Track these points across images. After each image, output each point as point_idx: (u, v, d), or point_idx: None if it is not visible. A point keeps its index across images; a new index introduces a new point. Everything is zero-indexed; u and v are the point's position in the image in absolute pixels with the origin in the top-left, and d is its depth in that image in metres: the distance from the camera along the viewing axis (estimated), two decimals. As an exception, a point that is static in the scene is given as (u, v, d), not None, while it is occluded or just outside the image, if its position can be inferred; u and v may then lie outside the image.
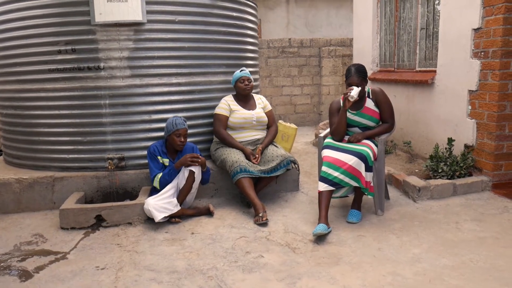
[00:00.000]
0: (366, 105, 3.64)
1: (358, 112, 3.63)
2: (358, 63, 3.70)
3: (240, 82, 4.10)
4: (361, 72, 3.57)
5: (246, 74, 4.12)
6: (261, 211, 3.56)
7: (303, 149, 6.57)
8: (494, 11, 3.94)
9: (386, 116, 3.67)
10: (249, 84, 4.12)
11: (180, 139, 3.65)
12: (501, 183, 4.13)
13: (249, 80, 4.13)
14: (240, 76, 4.10)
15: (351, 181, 3.37)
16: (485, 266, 2.73)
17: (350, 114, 3.65)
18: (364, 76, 3.58)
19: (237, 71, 4.15)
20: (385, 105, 3.65)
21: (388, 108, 3.67)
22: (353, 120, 3.65)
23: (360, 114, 3.63)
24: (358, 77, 3.53)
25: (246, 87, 4.10)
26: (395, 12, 5.91)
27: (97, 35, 3.87)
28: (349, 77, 3.57)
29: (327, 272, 2.72)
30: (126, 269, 2.82)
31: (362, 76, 3.56)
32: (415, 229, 3.35)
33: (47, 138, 4.12)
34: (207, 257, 2.97)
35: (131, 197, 3.97)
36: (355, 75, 3.54)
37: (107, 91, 3.95)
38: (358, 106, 3.64)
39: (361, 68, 3.60)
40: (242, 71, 4.13)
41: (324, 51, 8.98)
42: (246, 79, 4.10)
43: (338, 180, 3.36)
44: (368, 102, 3.65)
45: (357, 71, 3.55)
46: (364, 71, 3.60)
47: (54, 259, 3.00)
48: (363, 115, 3.63)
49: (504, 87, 3.98)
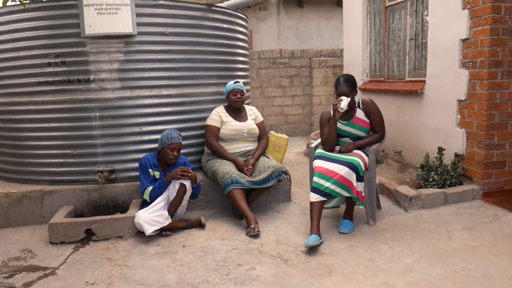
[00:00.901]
0: (357, 115, 3.66)
1: (349, 123, 3.65)
2: (347, 73, 3.73)
3: (232, 94, 4.10)
4: (350, 82, 3.60)
5: (239, 86, 4.10)
6: (253, 223, 3.54)
7: (295, 160, 6.57)
8: (481, 22, 4.00)
9: (376, 126, 3.69)
10: (241, 97, 4.11)
11: (173, 153, 3.63)
12: (492, 191, 4.16)
13: (242, 93, 4.12)
14: (233, 88, 4.09)
15: (343, 191, 3.37)
16: (477, 275, 2.73)
17: (340, 124, 3.66)
18: (353, 85, 3.61)
19: (230, 82, 4.14)
20: (375, 115, 3.67)
21: (378, 118, 3.69)
22: (343, 130, 3.66)
23: (351, 124, 3.64)
24: (347, 86, 3.57)
25: (238, 100, 4.10)
26: (384, 23, 5.97)
27: (87, 48, 3.86)
28: (338, 87, 3.60)
29: (320, 283, 2.70)
30: (116, 284, 2.78)
31: (351, 86, 3.59)
32: (407, 238, 3.35)
33: (36, 151, 4.08)
34: (199, 270, 2.94)
35: (122, 210, 3.93)
36: (344, 85, 3.57)
37: (97, 104, 3.93)
38: (349, 116, 3.66)
39: (350, 78, 3.63)
40: (236, 83, 4.12)
41: (315, 62, 9.04)
42: (239, 92, 4.10)
43: (329, 190, 3.35)
44: (358, 112, 3.67)
45: (346, 81, 3.59)
46: (353, 80, 3.63)
47: (42, 274, 2.95)
48: (353, 125, 3.64)
49: (492, 96, 4.03)
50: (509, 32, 3.97)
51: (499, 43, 3.96)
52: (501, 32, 3.94)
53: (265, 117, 8.97)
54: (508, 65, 4.01)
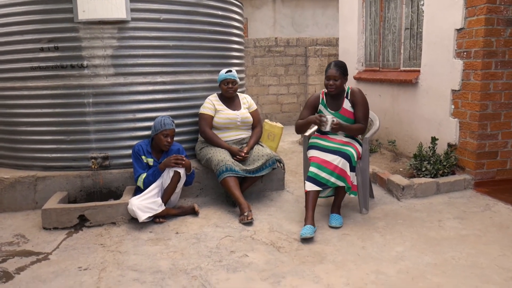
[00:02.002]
0: (344, 106, 3.60)
1: (336, 113, 3.61)
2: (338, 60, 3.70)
3: (224, 84, 4.07)
4: (340, 67, 3.56)
5: (230, 76, 4.05)
6: (247, 210, 3.55)
7: (289, 148, 6.58)
8: (476, 11, 4.00)
9: (359, 116, 3.59)
10: (232, 87, 4.07)
11: (167, 139, 3.63)
12: (483, 181, 4.19)
13: (233, 83, 4.07)
14: (224, 78, 4.05)
15: (338, 181, 3.38)
16: (466, 264, 2.76)
17: (327, 112, 3.64)
18: (342, 70, 3.55)
19: (222, 71, 4.09)
20: (360, 106, 3.58)
21: (363, 109, 3.59)
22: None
23: (338, 114, 3.60)
24: (336, 70, 3.53)
25: (229, 90, 4.07)
26: (380, 12, 5.95)
27: (80, 33, 3.82)
28: (328, 70, 3.57)
29: (311, 270, 2.72)
30: (109, 270, 2.79)
31: (340, 70, 3.54)
32: (398, 227, 3.38)
33: (29, 137, 4.06)
34: (191, 256, 2.96)
35: (115, 197, 3.93)
36: (334, 68, 3.54)
37: (90, 90, 3.91)
38: (336, 105, 3.63)
39: (340, 63, 3.61)
40: (228, 72, 4.07)
41: (310, 51, 9.01)
42: (230, 81, 4.06)
43: (325, 180, 3.37)
44: (346, 103, 3.62)
45: (335, 65, 3.56)
46: (342, 65, 3.58)
47: (35, 259, 2.96)
48: (340, 116, 3.59)
49: (486, 86, 4.04)
50: (503, 22, 3.97)
51: (493, 33, 3.96)
52: (495, 22, 3.95)
53: (260, 105, 8.95)
54: (502, 56, 4.02)
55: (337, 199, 3.59)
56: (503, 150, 4.20)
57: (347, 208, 3.81)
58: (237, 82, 4.12)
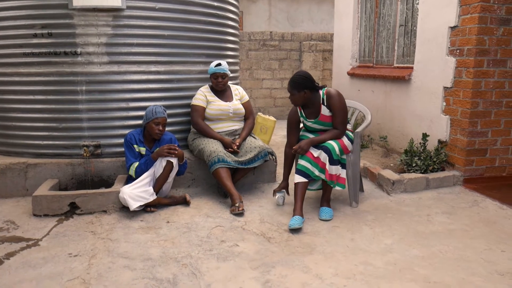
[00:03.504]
0: (322, 113, 3.53)
1: (316, 120, 3.58)
2: (301, 71, 3.58)
3: (213, 77, 4.06)
4: (293, 82, 3.45)
5: (220, 70, 4.02)
6: (238, 201, 3.57)
7: (281, 142, 6.60)
8: (470, 10, 4.03)
9: (336, 122, 3.50)
10: (222, 81, 4.06)
11: (158, 128, 3.62)
12: (472, 178, 4.25)
13: (223, 76, 4.06)
14: (213, 72, 4.03)
15: (321, 174, 3.43)
16: (453, 257, 2.81)
17: (308, 122, 3.62)
18: (295, 85, 3.44)
19: (213, 64, 4.06)
20: (337, 111, 3.48)
21: (339, 113, 3.48)
22: (312, 127, 3.64)
23: (318, 122, 3.57)
24: (289, 87, 3.47)
25: (219, 84, 4.07)
26: (375, 8, 5.97)
27: (75, 20, 3.80)
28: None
29: (301, 261, 2.75)
30: (99, 256, 2.80)
31: (293, 85, 3.45)
32: (388, 221, 3.42)
33: (20, 123, 4.04)
34: (182, 245, 2.97)
35: (106, 185, 3.93)
36: (288, 85, 3.49)
37: (83, 77, 3.89)
38: (314, 114, 3.57)
39: (294, 77, 3.46)
40: (218, 66, 4.03)
41: (305, 46, 9.02)
42: (219, 75, 4.05)
43: (310, 172, 3.42)
44: (323, 109, 3.52)
45: (289, 82, 3.48)
46: (296, 80, 3.44)
47: (25, 245, 2.95)
48: (320, 123, 3.57)
49: (478, 84, 4.08)
50: (497, 21, 4.01)
51: (486, 31, 4.00)
52: (489, 21, 3.98)
53: (253, 99, 8.96)
54: (494, 54, 4.06)
55: (325, 192, 3.62)
56: (493, 147, 4.26)
57: (337, 201, 3.84)
58: (227, 75, 4.10)
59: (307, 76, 3.48)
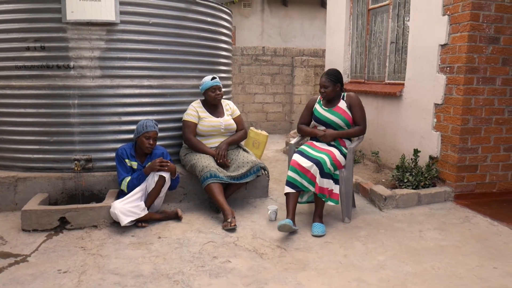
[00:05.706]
0: (339, 105, 3.77)
1: (330, 109, 3.76)
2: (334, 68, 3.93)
3: (211, 91, 4.06)
4: (330, 75, 3.76)
5: (217, 83, 4.06)
6: (230, 217, 3.55)
7: (274, 157, 6.61)
8: (460, 28, 4.10)
9: (357, 118, 3.75)
10: (220, 93, 4.09)
11: (149, 142, 3.61)
12: (463, 194, 4.27)
13: (220, 89, 4.10)
14: (212, 85, 4.04)
15: (309, 185, 3.48)
16: (446, 273, 2.81)
17: (321, 109, 3.81)
18: (332, 78, 3.74)
19: (207, 79, 4.07)
20: (357, 107, 3.75)
21: (360, 111, 3.76)
22: (323, 115, 3.77)
23: (331, 111, 3.75)
24: (326, 78, 3.75)
25: (217, 97, 4.08)
26: (367, 25, 6.06)
27: (68, 34, 3.80)
28: (321, 78, 3.79)
29: (294, 277, 2.73)
30: (89, 273, 2.75)
31: (330, 79, 3.73)
32: (380, 236, 3.42)
33: (11, 136, 3.99)
34: (174, 261, 2.94)
35: (97, 200, 3.88)
36: (324, 76, 3.77)
37: (76, 91, 3.87)
38: (331, 104, 3.79)
39: (331, 71, 3.81)
40: (214, 79, 4.06)
41: (297, 61, 9.10)
42: (217, 88, 4.07)
43: (299, 183, 3.49)
44: (341, 103, 3.78)
45: (326, 74, 3.78)
46: (333, 73, 3.77)
47: (13, 261, 2.90)
48: (334, 113, 3.74)
49: (468, 101, 4.14)
50: (486, 40, 4.08)
51: (476, 50, 4.07)
52: (478, 39, 4.06)
53: (245, 113, 8.98)
54: (483, 72, 4.13)
55: (317, 208, 3.62)
56: (483, 164, 4.30)
57: (329, 217, 3.84)
58: (222, 88, 4.14)
59: (341, 73, 3.84)
